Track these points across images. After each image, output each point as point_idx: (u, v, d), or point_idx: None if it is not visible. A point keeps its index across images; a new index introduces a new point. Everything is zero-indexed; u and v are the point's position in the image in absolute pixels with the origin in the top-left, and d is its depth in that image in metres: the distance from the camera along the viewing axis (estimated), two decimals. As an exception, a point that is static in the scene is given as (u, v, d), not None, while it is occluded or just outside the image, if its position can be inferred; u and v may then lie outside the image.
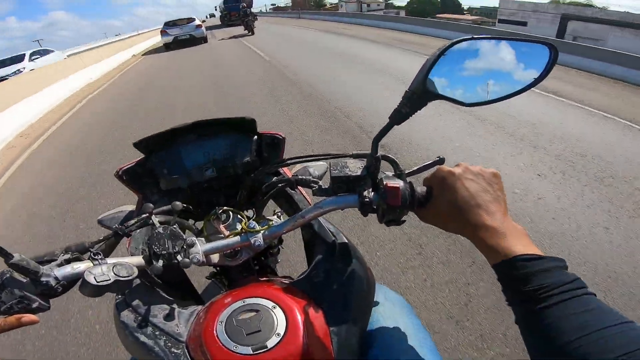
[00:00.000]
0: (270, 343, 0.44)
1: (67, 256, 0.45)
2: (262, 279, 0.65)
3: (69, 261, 0.44)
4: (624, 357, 0.28)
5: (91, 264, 0.43)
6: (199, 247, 0.52)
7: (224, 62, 8.86)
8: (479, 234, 0.41)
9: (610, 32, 15.98)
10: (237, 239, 0.55)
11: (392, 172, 0.52)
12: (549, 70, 0.47)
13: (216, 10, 33.96)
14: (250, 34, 15.44)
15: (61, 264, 0.43)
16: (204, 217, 0.65)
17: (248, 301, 0.49)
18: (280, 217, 0.67)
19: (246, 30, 15.85)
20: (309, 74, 6.51)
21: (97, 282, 0.40)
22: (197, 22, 14.46)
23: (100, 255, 0.45)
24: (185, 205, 0.60)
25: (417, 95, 0.45)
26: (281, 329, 0.46)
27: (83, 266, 0.43)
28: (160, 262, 0.48)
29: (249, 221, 0.58)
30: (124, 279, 0.42)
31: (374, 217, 0.52)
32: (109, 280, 0.41)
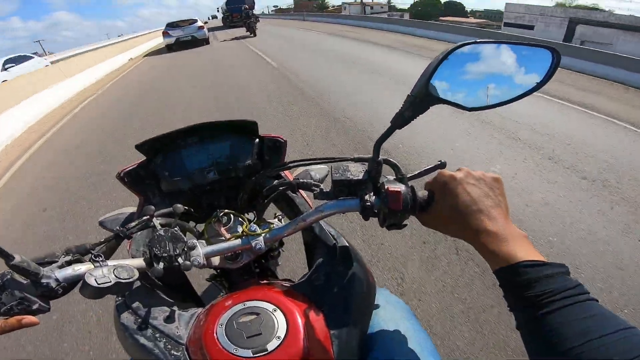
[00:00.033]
0: (271, 346, 0.44)
1: (67, 258, 0.45)
2: (262, 281, 0.65)
3: (69, 263, 0.45)
4: None
5: (92, 266, 0.44)
6: (200, 250, 0.53)
7: (227, 70, 7.98)
8: (480, 239, 0.42)
9: (618, 36, 15.88)
10: (238, 241, 0.56)
11: (393, 176, 0.53)
12: (551, 74, 0.48)
13: (218, 11, 34.21)
14: (252, 35, 15.54)
15: (62, 266, 0.44)
16: (205, 220, 0.66)
17: (249, 304, 0.50)
18: (282, 220, 0.67)
19: (248, 31, 15.96)
20: (326, 87, 5.59)
21: (98, 284, 0.40)
22: (200, 24, 14.47)
23: (101, 257, 0.45)
24: (186, 208, 0.61)
25: (420, 99, 0.46)
26: (282, 332, 0.46)
27: (84, 268, 0.43)
28: (161, 265, 0.48)
29: (250, 224, 0.59)
30: (124, 281, 0.43)
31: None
32: (110, 282, 0.41)
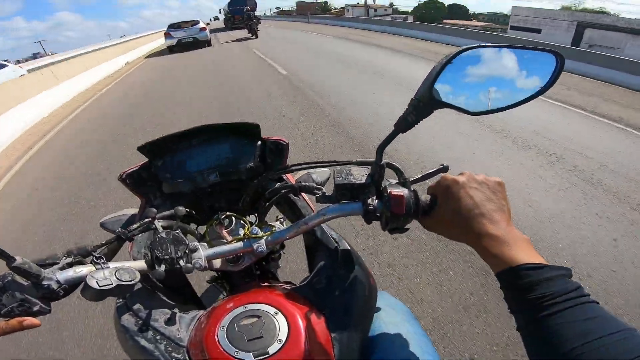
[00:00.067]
0: (272, 349, 0.45)
1: (69, 259, 0.45)
2: (263, 284, 0.65)
3: (71, 265, 0.45)
4: None
5: (93, 268, 0.44)
6: (202, 253, 0.53)
7: (232, 79, 6.98)
8: (482, 242, 0.42)
9: (627, 40, 15.74)
10: (239, 244, 0.56)
11: (395, 180, 0.53)
12: (555, 78, 0.48)
13: (220, 13, 34.47)
14: (253, 37, 15.64)
15: (63, 268, 0.44)
16: (207, 222, 0.66)
17: (250, 307, 0.50)
18: (283, 223, 0.67)
19: (250, 33, 16.07)
20: (350, 104, 4.69)
21: (100, 286, 0.41)
22: (202, 25, 14.50)
23: (102, 259, 0.45)
24: (187, 210, 0.61)
25: (423, 103, 0.46)
26: (283, 335, 0.46)
27: (85, 270, 0.43)
28: (163, 267, 0.49)
29: (251, 227, 0.59)
30: (126, 283, 0.43)
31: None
32: (111, 284, 0.42)
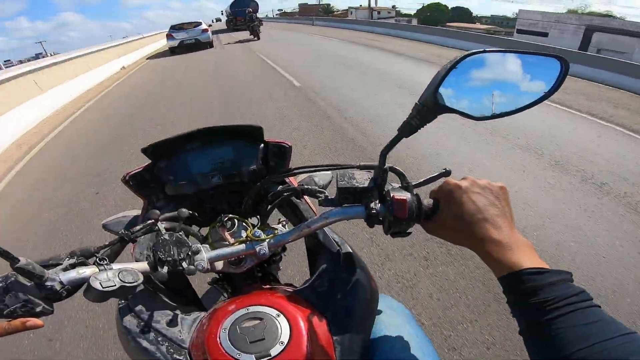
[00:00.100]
0: (274, 351, 0.45)
1: (72, 261, 0.46)
2: (265, 286, 0.66)
3: (74, 266, 0.45)
4: None
5: (96, 269, 0.44)
6: (204, 255, 0.53)
7: (237, 90, 6.13)
8: (485, 247, 0.43)
9: (636, 44, 15.48)
10: (242, 246, 0.56)
11: (398, 184, 0.54)
12: (560, 83, 0.49)
13: (222, 14, 34.73)
14: (255, 38, 15.73)
15: (66, 269, 0.44)
16: (209, 224, 0.67)
17: (252, 309, 0.50)
18: (285, 226, 0.68)
19: (252, 35, 16.16)
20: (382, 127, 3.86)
21: (103, 287, 0.41)
22: (204, 26, 14.48)
23: (105, 261, 0.46)
24: (190, 212, 0.62)
25: (427, 108, 0.46)
26: (285, 338, 0.47)
27: (88, 271, 0.44)
28: (165, 269, 0.49)
29: (254, 229, 0.59)
30: (129, 284, 0.43)
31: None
32: (115, 285, 0.42)
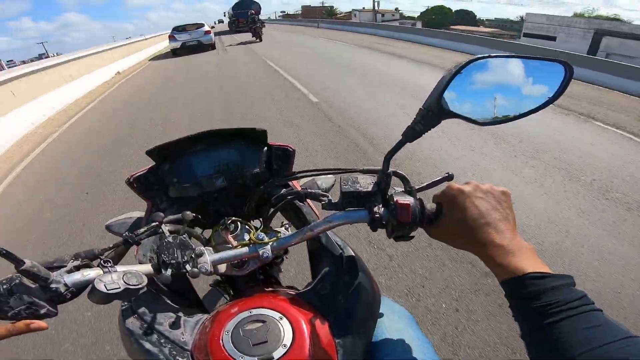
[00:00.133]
0: (277, 354, 0.45)
1: (76, 263, 0.46)
2: (267, 289, 0.66)
3: (78, 268, 0.46)
4: None
5: (101, 272, 0.45)
6: (208, 257, 0.54)
7: (244, 106, 5.31)
8: (488, 251, 0.43)
9: None
10: (245, 249, 0.57)
11: (401, 188, 0.54)
12: (564, 88, 0.49)
13: (225, 16, 35.02)
14: (257, 40, 15.82)
15: (71, 271, 0.45)
16: (212, 226, 0.67)
17: (255, 312, 0.51)
18: (288, 229, 0.68)
19: (254, 37, 16.27)
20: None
21: (107, 290, 0.42)
22: (206, 28, 14.53)
23: (110, 263, 0.46)
24: (194, 215, 0.62)
25: (432, 113, 0.47)
26: (287, 340, 0.47)
27: (93, 273, 0.44)
28: (169, 271, 0.50)
29: (257, 232, 0.60)
30: (133, 287, 0.44)
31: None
32: (119, 288, 0.42)
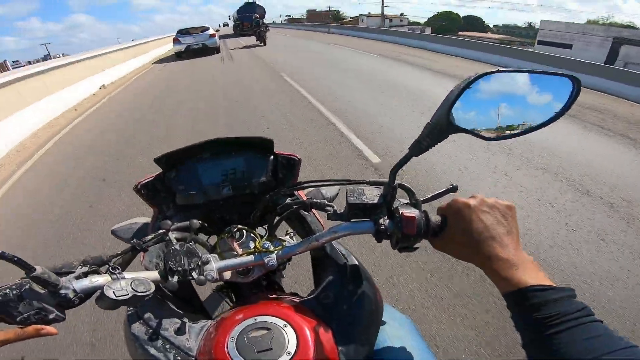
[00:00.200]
0: None
1: (84, 269, 0.48)
2: (271, 295, 0.67)
3: (86, 274, 0.47)
4: None
5: (109, 278, 0.46)
6: (214, 265, 0.55)
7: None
8: (491, 265, 0.45)
9: None
10: (250, 257, 0.58)
11: (406, 199, 0.56)
12: (571, 103, 0.50)
13: (230, 19, 35.51)
14: (262, 44, 16.03)
15: (79, 277, 0.46)
16: (217, 233, 0.69)
17: (259, 319, 0.52)
18: (293, 238, 0.70)
19: (258, 40, 16.50)
20: None
21: (116, 296, 0.43)
22: (211, 31, 14.62)
23: (118, 270, 0.48)
24: (200, 223, 0.64)
25: (440, 128, 0.48)
26: (292, 348, 0.48)
27: (101, 280, 0.46)
28: (176, 278, 0.51)
29: (262, 240, 0.61)
30: (141, 294, 0.45)
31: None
32: (127, 295, 0.44)
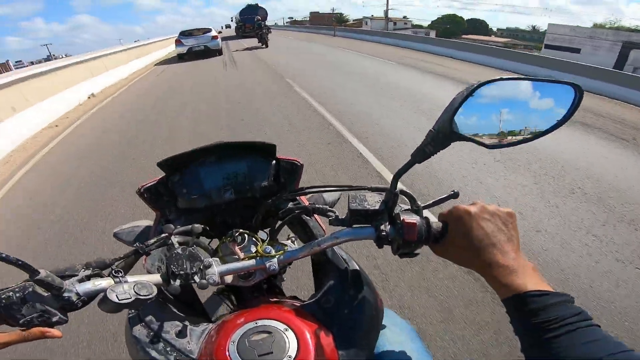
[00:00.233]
0: None
1: (87, 272, 0.49)
2: (271, 299, 0.68)
3: (89, 277, 0.48)
4: None
5: (112, 281, 0.47)
6: (216, 269, 0.56)
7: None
8: (492, 272, 0.45)
9: None
10: (252, 261, 0.59)
11: (407, 205, 0.57)
12: (573, 110, 0.51)
13: (232, 21, 35.78)
14: (264, 46, 16.12)
15: (82, 280, 0.47)
16: (219, 237, 0.69)
17: (260, 322, 0.53)
18: (294, 242, 0.70)
19: (260, 42, 16.59)
20: None
21: (119, 300, 0.44)
22: (213, 33, 14.61)
23: (121, 273, 0.49)
24: (203, 227, 0.65)
25: (442, 135, 0.49)
26: (292, 352, 0.49)
27: (104, 283, 0.47)
28: (178, 282, 0.52)
29: (264, 245, 0.62)
30: (143, 297, 0.46)
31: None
32: (130, 298, 0.45)
